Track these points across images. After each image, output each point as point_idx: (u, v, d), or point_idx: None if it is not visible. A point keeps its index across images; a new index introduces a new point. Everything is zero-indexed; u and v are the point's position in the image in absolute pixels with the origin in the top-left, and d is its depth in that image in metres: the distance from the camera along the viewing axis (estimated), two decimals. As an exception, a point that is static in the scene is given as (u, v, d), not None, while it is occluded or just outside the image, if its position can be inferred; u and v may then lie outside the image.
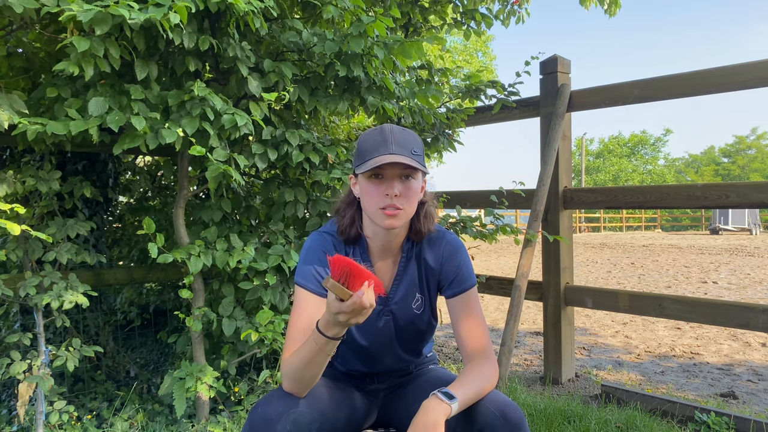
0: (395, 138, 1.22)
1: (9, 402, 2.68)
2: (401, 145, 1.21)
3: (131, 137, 2.04)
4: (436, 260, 1.34)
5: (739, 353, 4.02)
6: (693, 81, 2.71)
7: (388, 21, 2.37)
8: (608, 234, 24.43)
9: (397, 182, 1.21)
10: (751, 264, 9.89)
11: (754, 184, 2.49)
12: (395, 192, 1.20)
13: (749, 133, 40.86)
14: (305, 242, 1.35)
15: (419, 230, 1.32)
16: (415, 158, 1.21)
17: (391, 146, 1.20)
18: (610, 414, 2.48)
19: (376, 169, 1.20)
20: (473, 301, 1.31)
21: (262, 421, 1.11)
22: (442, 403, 1.10)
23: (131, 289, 3.60)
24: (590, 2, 4.17)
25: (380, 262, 1.35)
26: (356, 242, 1.34)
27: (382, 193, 1.21)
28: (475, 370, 1.22)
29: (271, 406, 1.13)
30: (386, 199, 1.20)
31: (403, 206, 1.21)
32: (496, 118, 3.64)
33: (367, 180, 1.23)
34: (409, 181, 1.23)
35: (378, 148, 1.21)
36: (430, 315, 1.39)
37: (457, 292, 1.31)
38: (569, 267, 3.25)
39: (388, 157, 1.18)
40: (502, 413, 1.14)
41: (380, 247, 1.33)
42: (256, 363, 2.90)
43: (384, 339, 1.36)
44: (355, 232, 1.32)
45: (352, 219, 1.32)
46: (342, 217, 1.33)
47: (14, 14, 1.86)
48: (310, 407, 1.18)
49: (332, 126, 3.68)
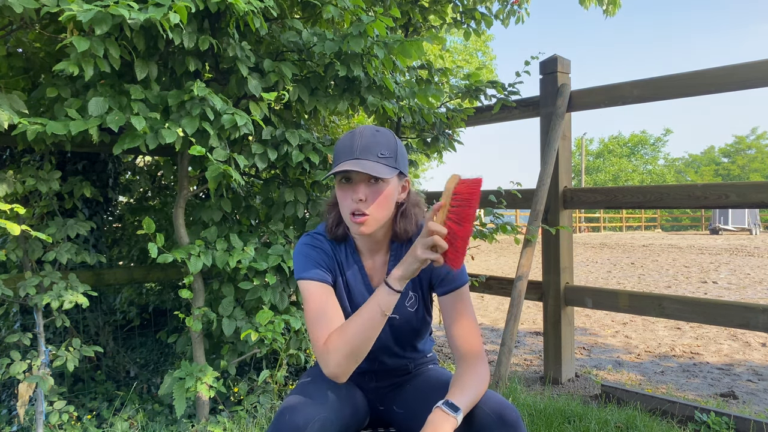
0: (362, 142, 1.21)
1: (9, 402, 2.68)
2: (367, 149, 1.21)
3: (131, 137, 2.04)
4: None
5: (739, 353, 4.02)
6: (693, 81, 2.71)
7: (388, 21, 2.37)
8: (608, 234, 24.43)
9: (362, 187, 1.21)
10: (751, 264, 9.89)
11: (754, 184, 2.49)
12: (360, 197, 1.20)
13: (749, 133, 40.88)
14: (297, 245, 1.37)
15: (397, 233, 1.32)
16: (381, 161, 1.20)
17: (356, 151, 1.20)
18: (610, 414, 2.48)
19: (343, 173, 1.22)
20: (465, 299, 1.31)
21: (289, 429, 1.11)
22: (449, 417, 1.10)
23: (131, 288, 3.60)
24: (590, 2, 4.17)
25: (370, 260, 1.36)
26: (345, 241, 1.36)
27: (350, 197, 1.22)
28: (471, 372, 1.21)
29: (298, 413, 1.14)
30: (353, 204, 1.21)
31: (370, 212, 1.21)
32: (496, 118, 3.64)
33: (338, 185, 1.25)
34: (378, 185, 1.21)
35: (344, 153, 1.22)
36: (424, 312, 1.40)
37: (449, 289, 1.31)
38: (569, 267, 3.25)
39: (350, 163, 1.19)
40: (499, 414, 1.14)
41: (367, 247, 1.34)
42: (256, 363, 2.90)
43: (381, 337, 1.36)
44: (342, 232, 1.34)
45: (338, 219, 1.34)
46: (328, 218, 1.36)
47: (14, 14, 1.86)
48: (332, 412, 1.18)
49: (332, 126, 3.69)
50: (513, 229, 3.14)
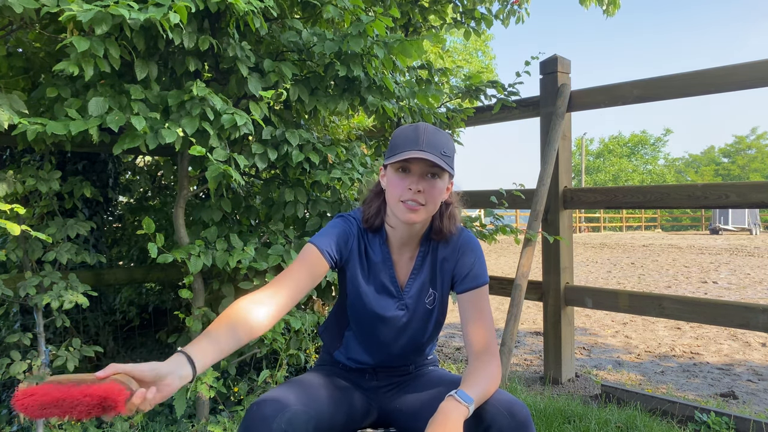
0: (427, 136, 1.24)
1: (9, 402, 2.68)
2: (432, 144, 1.24)
3: (131, 137, 2.04)
4: (452, 255, 1.37)
5: (739, 353, 4.02)
6: (693, 81, 2.71)
7: (388, 20, 2.37)
8: (608, 234, 24.43)
9: (422, 179, 1.24)
10: (751, 264, 9.89)
11: (754, 184, 2.49)
12: (419, 187, 1.23)
13: (749, 133, 40.86)
14: (329, 221, 1.38)
15: (440, 230, 1.35)
16: (444, 158, 1.24)
17: (422, 144, 1.23)
18: (610, 414, 2.48)
19: (404, 162, 1.24)
20: (484, 299, 1.33)
21: (257, 420, 1.11)
22: (460, 405, 1.10)
23: (131, 288, 3.60)
24: (589, 2, 4.17)
25: (398, 255, 1.38)
26: (378, 232, 1.38)
27: (406, 186, 1.24)
28: (483, 369, 1.22)
29: (267, 405, 1.13)
30: (409, 192, 1.24)
31: (424, 202, 1.24)
32: (496, 118, 3.64)
33: (395, 172, 1.27)
34: (435, 180, 1.25)
35: (409, 144, 1.24)
36: (439, 312, 1.41)
37: (469, 287, 1.33)
38: (569, 267, 3.25)
39: (417, 152, 1.21)
40: (510, 412, 1.15)
41: (400, 240, 1.36)
42: (256, 363, 2.90)
43: (394, 328, 1.38)
44: (379, 222, 1.36)
45: (378, 209, 1.36)
46: (369, 206, 1.37)
47: (14, 14, 1.86)
48: (306, 406, 1.18)
49: (332, 126, 3.69)
50: (512, 231, 3.15)
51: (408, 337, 1.40)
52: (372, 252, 1.37)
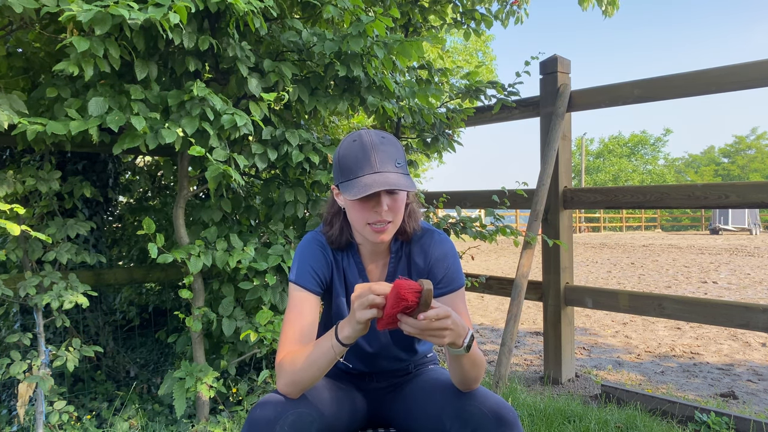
0: (378, 153, 1.16)
1: (9, 402, 2.68)
2: (384, 159, 1.16)
3: (131, 137, 2.04)
4: (426, 260, 1.34)
5: (739, 353, 4.02)
6: (693, 81, 2.71)
7: (388, 21, 2.37)
8: (608, 234, 24.43)
9: (385, 198, 1.17)
10: (751, 264, 9.89)
11: (754, 184, 2.49)
12: (384, 208, 1.18)
13: (749, 133, 40.86)
14: (301, 241, 1.35)
15: (405, 230, 1.31)
16: (400, 171, 1.19)
17: (375, 164, 1.15)
18: (610, 414, 2.48)
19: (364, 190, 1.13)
20: (460, 301, 1.31)
21: (260, 423, 1.10)
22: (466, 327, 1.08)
23: (131, 288, 3.61)
24: (588, 2, 4.17)
25: (371, 264, 1.36)
26: (347, 248, 1.35)
27: (370, 209, 1.18)
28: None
29: (270, 407, 1.13)
30: (375, 215, 1.18)
31: (392, 218, 1.20)
32: (496, 118, 3.64)
33: (353, 200, 1.19)
34: (398, 194, 1.20)
35: (362, 166, 1.16)
36: None
37: (444, 292, 1.31)
38: (569, 267, 3.25)
39: (375, 178, 1.14)
40: (495, 413, 1.13)
41: (371, 251, 1.34)
42: (256, 363, 2.90)
43: (380, 339, 1.37)
44: (346, 240, 1.32)
45: (341, 229, 1.31)
46: (330, 227, 1.32)
47: (14, 14, 1.86)
48: (310, 408, 1.18)
49: (332, 126, 3.69)
50: (512, 233, 3.14)
51: (396, 344, 1.39)
52: (347, 267, 1.35)
